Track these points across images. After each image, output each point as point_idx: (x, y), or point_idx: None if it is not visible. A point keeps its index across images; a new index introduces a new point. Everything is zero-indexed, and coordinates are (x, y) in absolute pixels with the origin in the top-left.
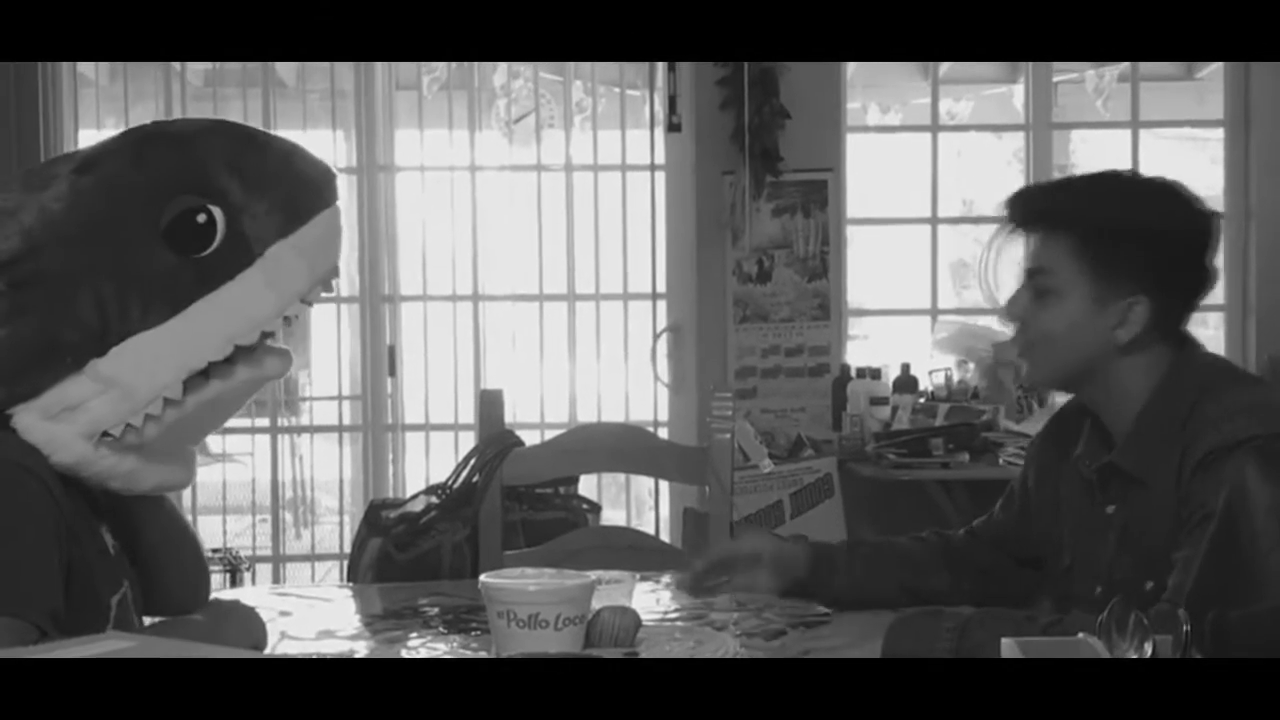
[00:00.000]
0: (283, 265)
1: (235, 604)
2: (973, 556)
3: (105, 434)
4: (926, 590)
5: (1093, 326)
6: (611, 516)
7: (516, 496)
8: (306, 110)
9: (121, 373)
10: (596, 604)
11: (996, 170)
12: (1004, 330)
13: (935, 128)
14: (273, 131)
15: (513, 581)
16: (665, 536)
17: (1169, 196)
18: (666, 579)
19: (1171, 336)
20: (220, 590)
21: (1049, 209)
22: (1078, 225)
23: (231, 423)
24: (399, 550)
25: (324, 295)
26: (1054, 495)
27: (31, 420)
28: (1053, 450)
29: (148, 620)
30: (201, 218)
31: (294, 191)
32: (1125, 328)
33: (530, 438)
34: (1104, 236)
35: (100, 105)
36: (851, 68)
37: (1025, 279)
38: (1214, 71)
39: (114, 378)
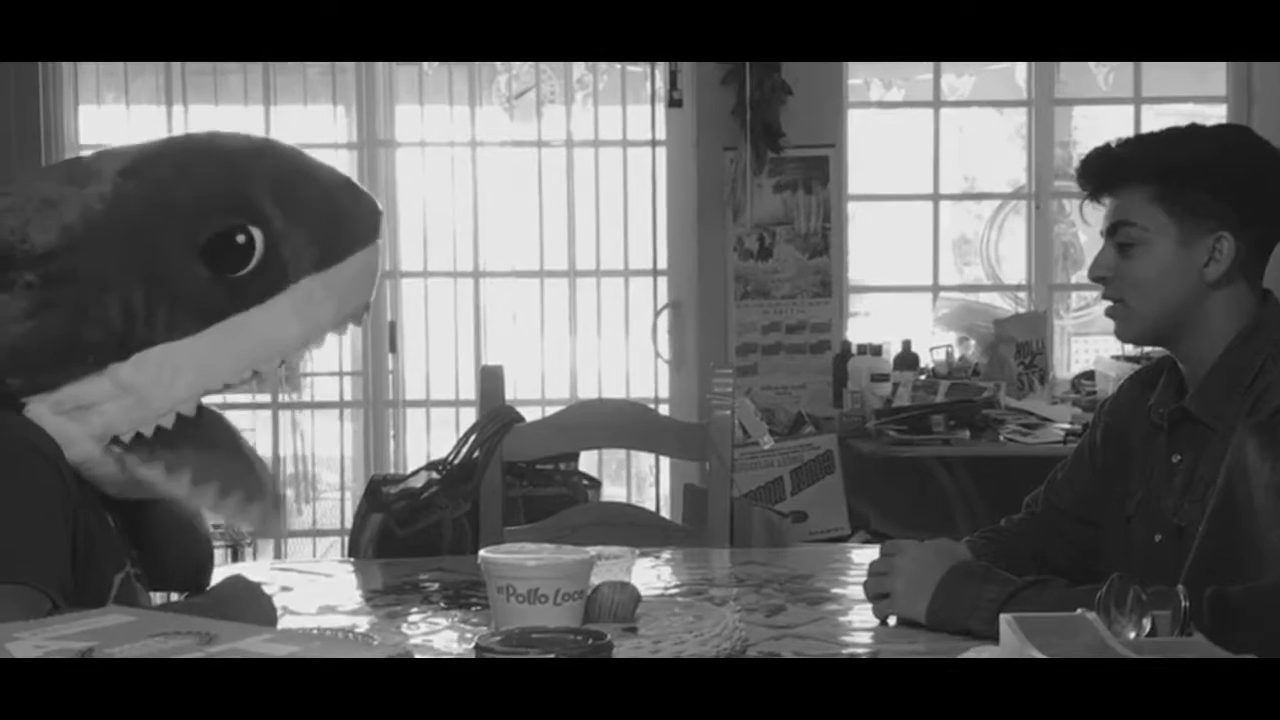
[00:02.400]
0: (313, 299)
1: (243, 584)
2: (1031, 541)
3: (115, 439)
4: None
5: (1183, 268)
6: (612, 493)
7: (517, 472)
8: (307, 85)
9: (140, 380)
10: (596, 579)
11: (999, 146)
12: (1005, 307)
13: (937, 103)
14: (272, 115)
15: (512, 557)
16: (665, 513)
17: (1237, 134)
18: (666, 554)
19: (1256, 278)
20: (222, 566)
21: (1120, 163)
22: (1152, 173)
23: (233, 399)
24: (400, 526)
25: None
26: (1123, 451)
27: (44, 412)
28: (1124, 409)
29: (157, 598)
30: (241, 238)
31: (335, 227)
32: (1214, 264)
33: (531, 414)
34: (1180, 179)
35: (100, 80)
36: None
37: (1107, 237)
38: None
39: (131, 384)
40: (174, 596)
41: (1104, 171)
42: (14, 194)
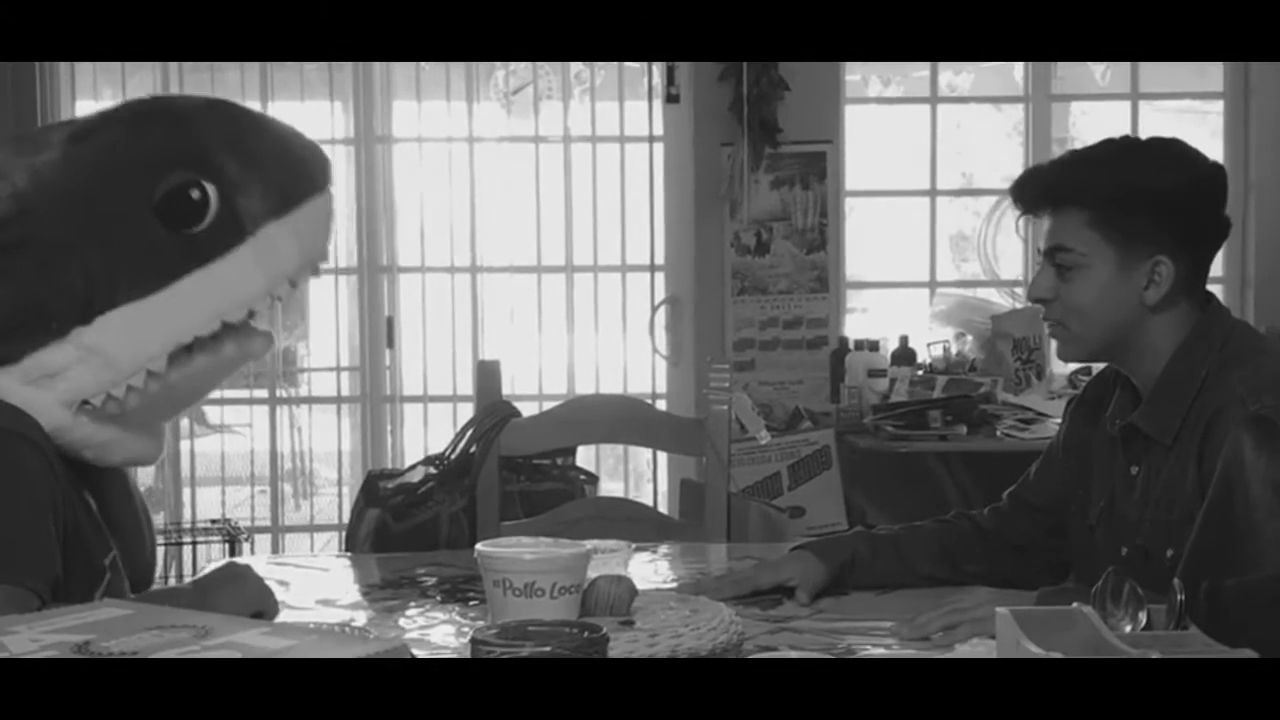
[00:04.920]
0: (274, 245)
1: (233, 570)
2: (1004, 535)
3: (85, 403)
4: (959, 577)
5: (1122, 292)
6: (609, 488)
7: (514, 467)
8: (304, 81)
9: (105, 342)
10: (592, 573)
11: (996, 142)
12: (1002, 302)
13: (935, 99)
14: (270, 111)
15: (508, 550)
16: (663, 508)
17: (1171, 153)
18: (664, 549)
19: (1197, 294)
20: (219, 560)
21: (1055, 187)
22: (1088, 198)
23: (230, 394)
24: (397, 520)
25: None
26: (1085, 456)
27: (10, 384)
28: (1087, 411)
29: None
30: (195, 194)
31: (290, 173)
32: (1154, 287)
33: (528, 409)
34: (1116, 204)
35: (97, 76)
36: None
37: (1045, 259)
38: None
39: (97, 347)
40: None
41: (1038, 196)
42: None
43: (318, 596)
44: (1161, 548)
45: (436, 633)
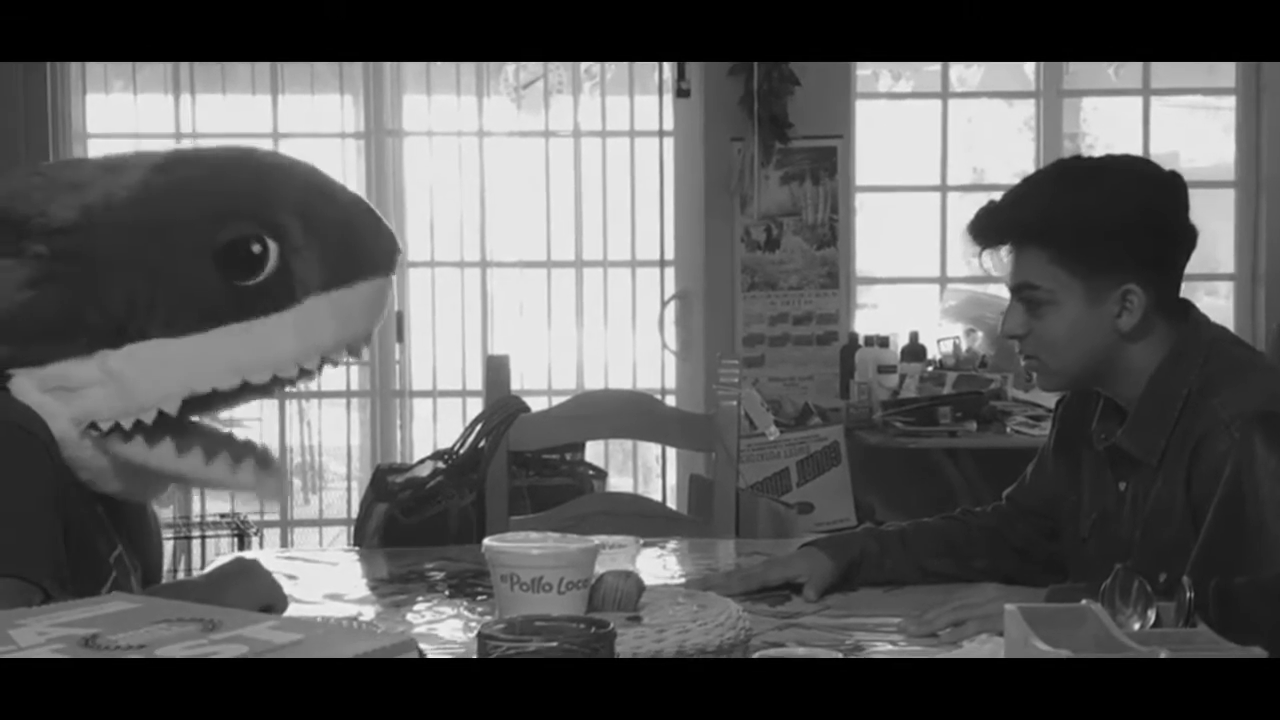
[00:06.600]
0: (315, 318)
1: (242, 565)
2: (1006, 536)
3: (93, 425)
4: (966, 574)
5: (1094, 323)
6: (618, 483)
7: (523, 462)
8: (314, 74)
9: (128, 371)
10: (600, 568)
11: (1007, 138)
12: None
13: (946, 94)
14: (280, 106)
15: (516, 545)
16: (672, 503)
17: (1126, 177)
18: (672, 544)
19: (1173, 309)
20: (228, 554)
21: (1013, 226)
22: (1047, 236)
23: None
24: (405, 515)
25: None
26: (1074, 460)
27: (28, 386)
28: (1075, 414)
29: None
30: (256, 248)
31: (347, 251)
32: (1127, 314)
33: (537, 404)
34: (1077, 239)
35: (108, 70)
36: None
37: (1013, 295)
38: None
39: (119, 373)
40: None
41: (997, 236)
42: (47, 174)
43: (326, 591)
44: (1154, 571)
45: (444, 627)
